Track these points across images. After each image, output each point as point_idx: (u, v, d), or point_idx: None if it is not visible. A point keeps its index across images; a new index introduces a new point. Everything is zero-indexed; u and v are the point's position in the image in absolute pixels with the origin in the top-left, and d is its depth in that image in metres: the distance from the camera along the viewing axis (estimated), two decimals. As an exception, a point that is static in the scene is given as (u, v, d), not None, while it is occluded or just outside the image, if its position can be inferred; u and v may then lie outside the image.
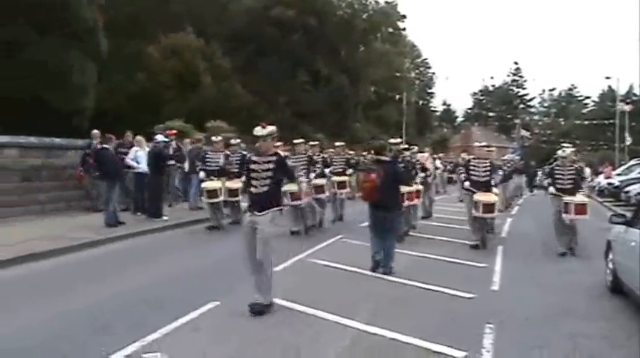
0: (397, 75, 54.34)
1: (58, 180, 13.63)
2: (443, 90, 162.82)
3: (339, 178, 13.73)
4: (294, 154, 12.40)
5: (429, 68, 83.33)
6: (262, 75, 37.77)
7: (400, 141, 12.62)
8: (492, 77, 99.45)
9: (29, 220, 12.05)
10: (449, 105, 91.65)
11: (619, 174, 27.84)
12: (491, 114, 77.52)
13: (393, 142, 10.94)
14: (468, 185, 10.88)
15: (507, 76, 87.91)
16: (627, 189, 21.91)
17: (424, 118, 68.74)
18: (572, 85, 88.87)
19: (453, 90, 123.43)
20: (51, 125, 17.12)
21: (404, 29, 59.73)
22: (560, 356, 5.18)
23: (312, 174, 12.23)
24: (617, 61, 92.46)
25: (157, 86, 31.93)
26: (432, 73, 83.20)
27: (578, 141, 53.44)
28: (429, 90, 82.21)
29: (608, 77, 70.97)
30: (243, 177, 7.70)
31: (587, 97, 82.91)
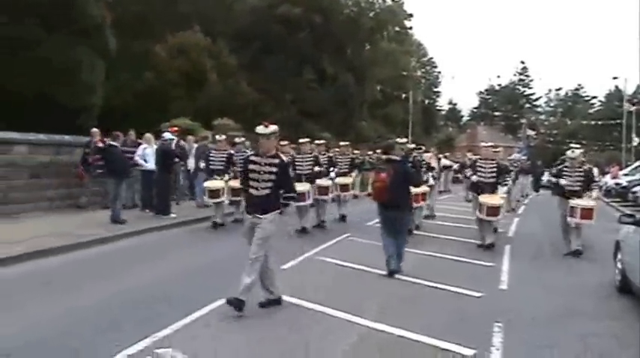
0: (403, 74, 54.30)
1: (66, 177, 13.68)
2: (449, 90, 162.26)
3: (343, 180, 13.60)
4: (300, 154, 12.39)
5: (435, 67, 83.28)
6: (268, 73, 37.76)
7: (407, 140, 12.60)
8: (499, 76, 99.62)
9: (38, 216, 12.11)
10: (455, 104, 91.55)
11: (626, 174, 27.82)
12: (497, 113, 77.31)
13: (399, 142, 10.89)
14: (475, 179, 10.87)
15: (514, 75, 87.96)
16: (635, 189, 21.90)
17: (430, 117, 68.62)
18: (579, 84, 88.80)
19: (459, 90, 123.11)
20: (59, 122, 17.17)
21: (410, 28, 59.73)
22: (570, 355, 5.20)
23: (317, 167, 12.23)
24: (624, 61, 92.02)
25: (164, 84, 31.95)
26: (438, 72, 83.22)
27: (585, 141, 53.25)
28: (435, 90, 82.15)
29: (615, 77, 71.00)
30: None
31: (594, 97, 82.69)
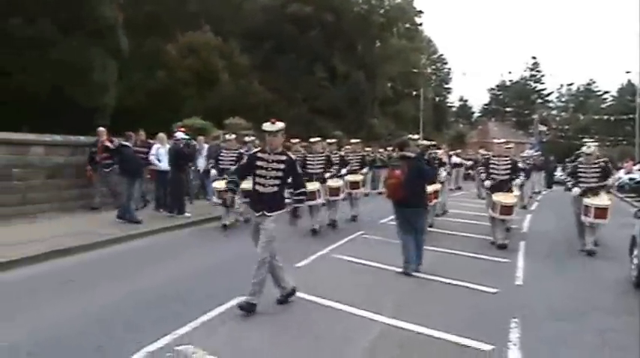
0: (414, 71, 54.21)
1: (81, 178, 13.79)
2: (459, 86, 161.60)
3: (353, 178, 13.44)
4: (311, 153, 12.24)
5: (446, 64, 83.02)
6: (280, 72, 37.90)
7: (418, 137, 12.52)
8: (510, 72, 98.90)
9: (54, 217, 12.23)
10: (465, 100, 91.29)
11: (640, 169, 27.57)
12: (508, 109, 76.86)
13: (413, 138, 10.83)
14: (488, 184, 10.77)
15: (525, 70, 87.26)
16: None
17: (441, 114, 68.46)
18: (591, 79, 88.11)
19: (470, 86, 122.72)
20: (74, 122, 17.35)
21: (420, 25, 59.56)
22: (588, 351, 5.20)
23: (327, 174, 12.02)
24: (637, 55, 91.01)
25: (176, 83, 32.12)
26: (449, 69, 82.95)
27: (597, 136, 52.88)
28: (446, 86, 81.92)
29: (628, 71, 70.36)
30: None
31: (606, 92, 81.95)
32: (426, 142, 11.44)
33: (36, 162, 12.66)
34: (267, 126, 6.23)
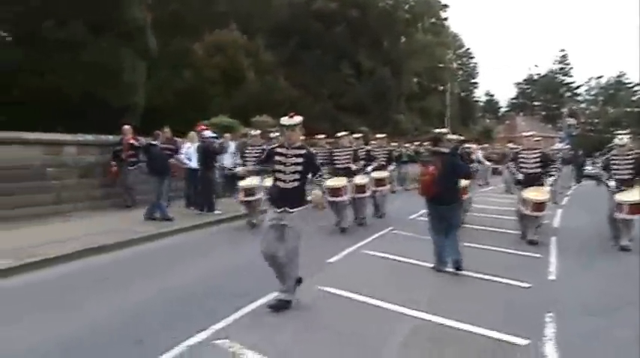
0: (440, 66, 53.77)
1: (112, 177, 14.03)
2: (486, 81, 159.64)
3: (378, 175, 13.30)
4: (338, 148, 12.17)
5: (472, 58, 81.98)
6: (306, 68, 37.93)
7: (447, 131, 12.39)
8: (537, 65, 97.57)
9: (87, 215, 12.48)
10: (492, 95, 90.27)
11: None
12: (536, 103, 75.82)
13: (444, 133, 10.67)
14: (521, 177, 10.51)
15: (553, 63, 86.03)
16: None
17: (467, 109, 67.77)
18: (621, 71, 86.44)
19: (496, 80, 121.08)
20: (104, 122, 17.58)
21: (446, 19, 59.03)
22: (623, 346, 5.15)
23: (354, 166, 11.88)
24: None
25: (203, 82, 32.34)
26: (475, 63, 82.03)
27: (629, 128, 51.91)
28: (472, 81, 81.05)
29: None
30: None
31: (638, 84, 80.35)
32: (457, 137, 11.22)
33: (69, 162, 12.93)
34: (284, 120, 6.19)
